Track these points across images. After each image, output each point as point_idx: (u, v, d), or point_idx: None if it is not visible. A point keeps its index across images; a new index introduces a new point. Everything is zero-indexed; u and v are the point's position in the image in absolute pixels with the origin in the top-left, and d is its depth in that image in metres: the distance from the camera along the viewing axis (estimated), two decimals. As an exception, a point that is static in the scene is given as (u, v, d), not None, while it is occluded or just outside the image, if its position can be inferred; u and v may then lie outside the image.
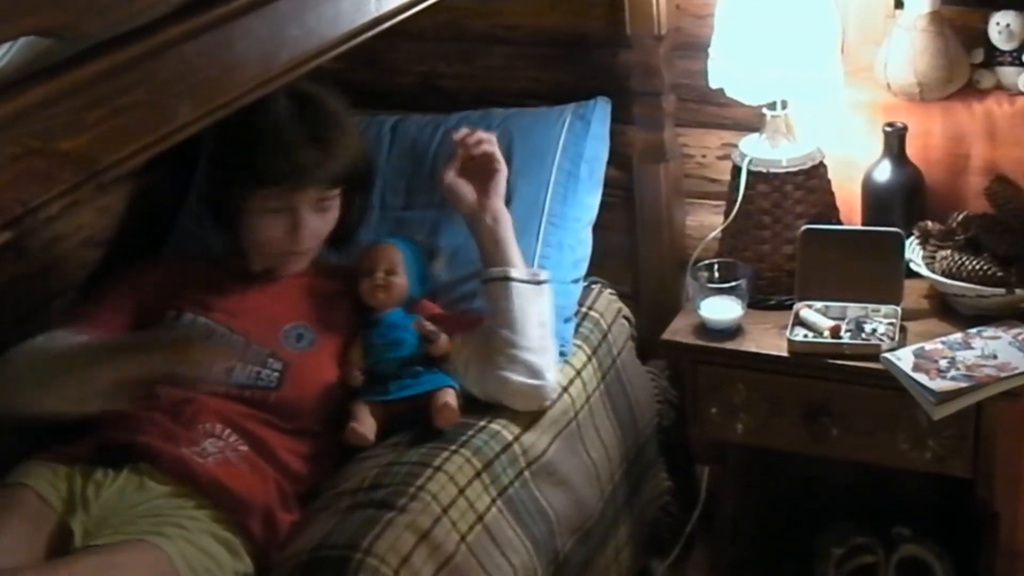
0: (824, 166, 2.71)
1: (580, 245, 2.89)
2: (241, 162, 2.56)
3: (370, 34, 1.76)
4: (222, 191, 2.65)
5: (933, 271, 2.56)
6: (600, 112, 2.96)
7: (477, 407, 2.58)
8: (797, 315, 2.59)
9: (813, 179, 2.69)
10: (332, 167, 2.58)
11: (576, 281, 2.87)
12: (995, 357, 2.41)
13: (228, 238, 2.72)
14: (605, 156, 2.96)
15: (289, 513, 2.42)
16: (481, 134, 2.62)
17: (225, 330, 2.56)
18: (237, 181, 2.57)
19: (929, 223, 2.61)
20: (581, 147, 2.91)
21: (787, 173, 2.66)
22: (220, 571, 2.25)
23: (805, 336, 2.55)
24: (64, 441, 2.41)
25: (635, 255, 3.06)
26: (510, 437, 2.55)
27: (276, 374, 2.53)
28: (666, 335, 2.70)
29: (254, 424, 2.48)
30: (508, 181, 2.85)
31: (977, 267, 2.49)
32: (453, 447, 2.46)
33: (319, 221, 2.63)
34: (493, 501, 2.47)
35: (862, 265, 2.60)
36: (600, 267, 2.96)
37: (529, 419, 2.60)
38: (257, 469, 2.43)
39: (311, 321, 2.62)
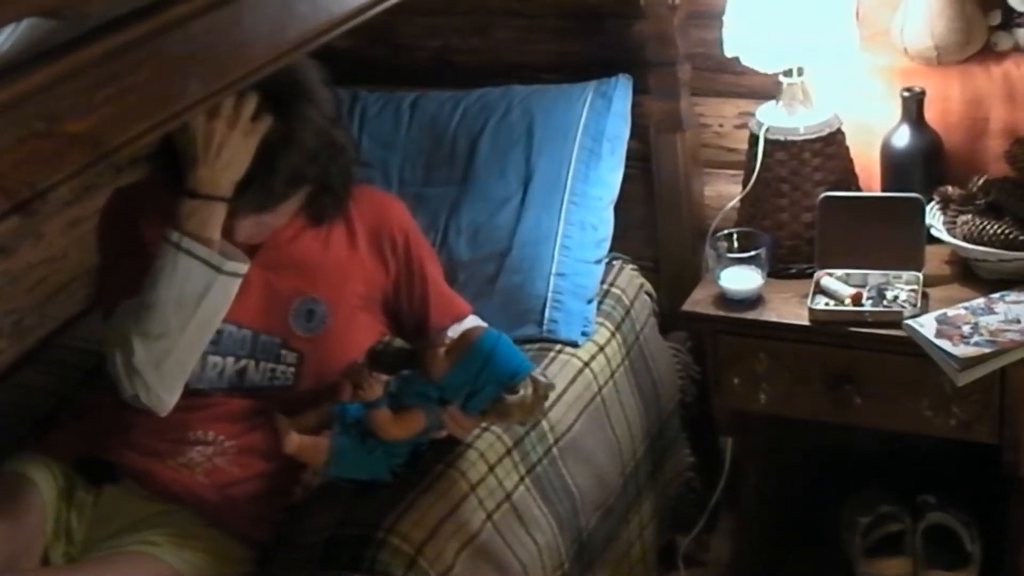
0: (842, 133, 2.70)
1: (602, 225, 2.88)
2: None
3: (381, 8, 1.74)
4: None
5: (954, 236, 2.54)
6: (622, 89, 2.94)
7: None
8: (818, 283, 2.58)
9: (831, 146, 2.67)
10: None
11: (599, 262, 2.86)
12: (1018, 322, 2.40)
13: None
14: (627, 134, 2.94)
15: (296, 483, 2.39)
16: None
17: (232, 328, 2.32)
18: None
19: (949, 188, 2.60)
20: (603, 125, 2.90)
21: (805, 140, 2.65)
22: (220, 565, 2.24)
23: (826, 304, 2.54)
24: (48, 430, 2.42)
25: (654, 226, 3.04)
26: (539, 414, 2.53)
27: (291, 369, 2.34)
28: (687, 306, 2.69)
29: (261, 420, 2.34)
30: (529, 159, 2.85)
31: (998, 231, 2.47)
32: (484, 424, 2.43)
33: None
34: (521, 479, 2.47)
35: (882, 232, 2.58)
36: (620, 240, 2.95)
37: (555, 395, 2.58)
38: (250, 464, 2.33)
39: (318, 286, 2.37)
